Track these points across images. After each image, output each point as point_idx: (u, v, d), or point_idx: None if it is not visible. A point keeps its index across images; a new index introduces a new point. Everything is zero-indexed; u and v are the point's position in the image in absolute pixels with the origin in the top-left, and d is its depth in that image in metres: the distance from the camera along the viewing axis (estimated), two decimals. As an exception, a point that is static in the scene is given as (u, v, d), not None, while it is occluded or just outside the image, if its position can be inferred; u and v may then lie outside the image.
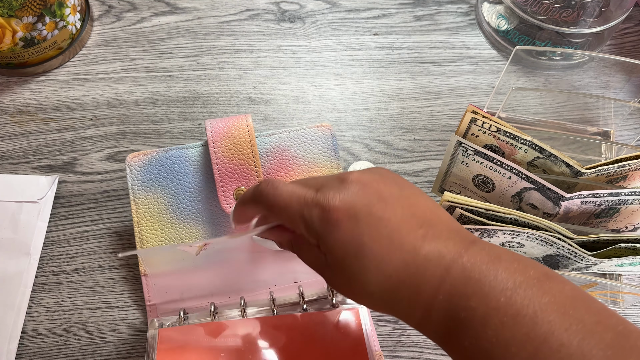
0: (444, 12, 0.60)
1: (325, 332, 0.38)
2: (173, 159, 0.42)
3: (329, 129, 0.43)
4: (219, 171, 0.41)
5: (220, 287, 0.41)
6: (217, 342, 0.37)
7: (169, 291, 0.41)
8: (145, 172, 0.42)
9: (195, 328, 0.38)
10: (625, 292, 0.41)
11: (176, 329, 0.39)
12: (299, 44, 0.57)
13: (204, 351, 0.37)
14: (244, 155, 0.41)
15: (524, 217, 0.36)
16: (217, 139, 0.41)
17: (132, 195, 0.42)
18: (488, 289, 0.26)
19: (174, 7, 0.59)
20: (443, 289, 0.27)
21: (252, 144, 0.41)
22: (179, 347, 0.37)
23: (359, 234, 0.28)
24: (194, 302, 0.41)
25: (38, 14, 0.49)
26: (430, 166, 0.51)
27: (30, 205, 0.46)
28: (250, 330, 0.38)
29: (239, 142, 0.41)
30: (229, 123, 0.42)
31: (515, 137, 0.39)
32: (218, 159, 0.41)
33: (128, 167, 0.42)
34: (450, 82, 0.55)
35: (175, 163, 0.42)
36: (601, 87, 0.55)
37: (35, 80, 0.54)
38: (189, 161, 0.42)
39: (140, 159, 0.42)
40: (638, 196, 0.37)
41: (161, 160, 0.42)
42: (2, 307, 0.42)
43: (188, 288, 0.41)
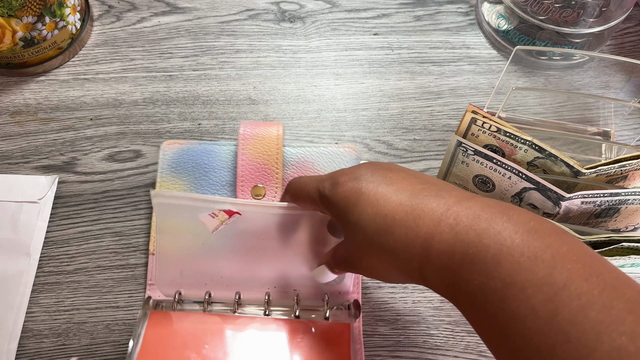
0: (444, 12, 0.60)
1: (312, 342, 0.37)
2: (204, 152, 0.45)
3: (354, 151, 0.45)
4: (242, 166, 0.43)
5: (221, 275, 0.41)
6: (204, 334, 0.38)
7: (170, 271, 0.41)
8: (176, 159, 0.44)
9: (186, 315, 0.39)
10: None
11: (167, 313, 0.39)
12: (299, 44, 0.57)
13: (190, 339, 0.37)
14: (269, 156, 0.43)
15: None
16: (248, 137, 0.43)
17: (159, 178, 0.44)
18: (501, 228, 0.25)
19: (174, 7, 0.59)
20: (445, 222, 0.26)
21: (278, 148, 0.43)
22: (166, 332, 0.38)
23: (358, 187, 0.31)
24: (192, 287, 0.41)
25: (38, 14, 0.49)
26: (430, 166, 0.51)
27: (30, 205, 0.46)
28: (237, 327, 0.38)
29: (267, 144, 0.43)
30: (261, 126, 0.44)
31: (515, 137, 0.39)
32: (244, 155, 0.43)
33: (162, 152, 0.45)
34: (450, 82, 0.55)
35: (205, 156, 0.44)
36: (601, 87, 0.55)
37: (35, 80, 0.54)
38: (218, 156, 0.44)
39: (174, 146, 0.45)
40: (638, 196, 0.37)
41: (192, 151, 0.45)
42: (2, 307, 0.42)
43: (190, 270, 0.41)
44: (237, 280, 0.41)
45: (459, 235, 0.26)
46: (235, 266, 0.40)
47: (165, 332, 0.38)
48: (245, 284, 0.41)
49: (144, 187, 0.49)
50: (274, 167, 0.43)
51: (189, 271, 0.41)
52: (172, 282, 0.41)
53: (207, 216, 0.38)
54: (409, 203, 0.28)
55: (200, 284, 0.41)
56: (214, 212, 0.37)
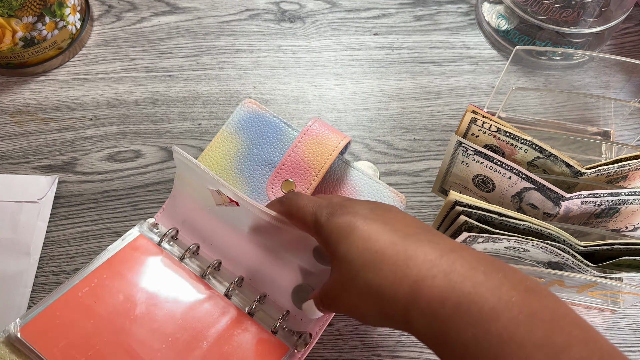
0: (444, 12, 0.60)
1: (243, 342, 0.38)
2: (272, 126, 0.45)
3: (402, 202, 0.43)
4: (290, 156, 0.43)
5: (212, 241, 0.42)
6: (164, 280, 0.40)
7: (178, 210, 0.43)
8: (248, 118, 0.45)
9: (162, 255, 0.41)
10: (625, 292, 0.41)
11: (150, 243, 0.41)
12: (299, 43, 0.57)
13: (150, 276, 0.39)
14: (317, 161, 0.43)
15: (537, 224, 0.36)
16: (309, 134, 0.43)
17: (224, 127, 0.45)
18: (499, 283, 0.24)
19: (174, 7, 0.59)
20: (439, 268, 0.26)
21: (329, 158, 0.42)
22: (137, 258, 0.40)
23: (354, 221, 0.30)
24: (187, 235, 0.43)
25: (38, 13, 0.49)
26: (430, 166, 0.51)
27: (30, 205, 0.46)
28: (191, 291, 0.39)
29: (323, 149, 0.43)
30: (327, 130, 0.44)
31: (516, 137, 0.39)
32: (297, 147, 0.43)
33: (241, 106, 0.45)
34: (450, 82, 0.55)
35: (271, 129, 0.45)
36: (601, 87, 0.55)
37: (35, 80, 0.54)
38: (281, 136, 0.44)
39: (252, 107, 0.45)
40: (638, 196, 0.37)
41: (264, 120, 0.45)
42: (2, 307, 0.42)
43: (191, 223, 0.43)
44: (224, 253, 0.42)
45: (453, 284, 0.25)
46: (228, 241, 0.42)
47: (137, 256, 0.40)
48: (228, 260, 0.42)
49: (144, 187, 0.49)
50: (315, 173, 0.42)
51: (190, 223, 0.43)
52: (175, 219, 0.44)
53: (214, 191, 0.40)
54: (401, 243, 0.28)
55: (194, 237, 0.43)
56: (219, 191, 0.39)
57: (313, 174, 0.42)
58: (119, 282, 0.39)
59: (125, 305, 0.38)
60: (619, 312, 0.45)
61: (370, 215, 0.30)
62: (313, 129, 0.43)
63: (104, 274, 0.39)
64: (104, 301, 0.38)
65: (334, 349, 0.43)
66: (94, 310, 0.37)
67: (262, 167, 0.44)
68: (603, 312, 0.45)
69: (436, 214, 0.45)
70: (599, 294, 0.42)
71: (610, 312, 0.45)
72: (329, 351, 0.43)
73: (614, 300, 0.44)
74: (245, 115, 0.45)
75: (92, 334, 0.36)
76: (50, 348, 0.36)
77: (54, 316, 0.37)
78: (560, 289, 0.41)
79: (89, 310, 0.37)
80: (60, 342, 0.36)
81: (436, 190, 0.46)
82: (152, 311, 0.38)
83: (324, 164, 0.42)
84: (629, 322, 0.44)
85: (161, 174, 0.49)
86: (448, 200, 0.37)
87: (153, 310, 0.38)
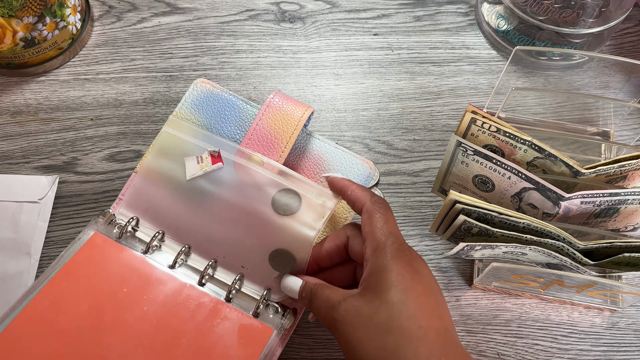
0: (444, 12, 0.60)
1: (225, 331, 0.36)
2: (228, 104, 0.44)
3: (370, 168, 0.44)
4: (254, 130, 0.42)
5: (178, 225, 0.40)
6: (129, 276, 0.37)
7: (141, 197, 0.41)
8: (202, 98, 0.44)
9: (123, 250, 0.38)
10: (625, 292, 0.41)
11: (109, 240, 0.39)
12: (299, 44, 0.57)
13: (113, 278, 0.37)
14: (283, 133, 0.41)
15: (536, 222, 0.36)
16: (272, 107, 0.42)
17: (178, 108, 0.44)
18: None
19: (174, 7, 0.59)
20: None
21: (295, 130, 0.41)
22: (98, 257, 0.37)
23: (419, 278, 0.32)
24: (150, 223, 0.41)
25: (38, 14, 0.49)
26: (430, 166, 0.51)
27: (31, 205, 0.46)
28: (162, 286, 0.37)
29: (287, 120, 0.42)
30: (290, 102, 0.42)
31: (515, 137, 0.39)
32: (260, 121, 0.42)
33: (193, 86, 0.44)
34: (450, 82, 0.55)
35: (228, 108, 0.44)
36: (601, 87, 0.55)
37: (35, 81, 0.54)
38: (239, 113, 0.43)
39: (205, 86, 0.44)
40: (638, 196, 0.37)
41: (219, 98, 0.44)
42: (3, 307, 0.42)
43: (153, 210, 0.40)
44: (192, 235, 0.40)
45: None
46: (194, 221, 0.40)
47: (96, 257, 0.37)
48: (198, 242, 0.40)
49: (144, 187, 0.49)
50: (282, 146, 0.41)
51: (152, 210, 0.41)
52: (136, 206, 0.41)
53: (193, 159, 0.38)
54: (441, 342, 0.30)
55: (158, 224, 0.40)
56: (200, 157, 0.38)
57: (280, 147, 0.41)
58: (80, 290, 0.36)
59: (91, 314, 0.35)
60: (618, 312, 0.45)
61: (431, 287, 0.32)
62: (275, 102, 0.42)
63: (62, 283, 0.36)
64: (67, 313, 0.35)
65: (334, 349, 0.43)
66: (57, 325, 0.34)
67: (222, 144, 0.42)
68: (603, 312, 0.45)
69: (436, 214, 0.45)
70: (599, 293, 0.42)
71: (609, 312, 0.45)
72: (328, 351, 0.43)
73: (614, 300, 0.44)
74: (199, 95, 0.44)
75: (60, 352, 0.33)
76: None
77: (13, 338, 0.34)
78: (560, 289, 0.41)
79: (53, 326, 0.34)
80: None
81: (436, 190, 0.46)
82: (122, 316, 0.35)
83: (291, 136, 0.41)
84: (628, 321, 0.44)
85: (161, 174, 0.50)
86: (448, 200, 0.37)
87: (123, 314, 0.35)
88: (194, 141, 0.40)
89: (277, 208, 0.38)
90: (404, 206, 0.49)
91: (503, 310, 0.45)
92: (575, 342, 0.44)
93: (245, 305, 0.38)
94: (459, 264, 0.46)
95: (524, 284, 0.41)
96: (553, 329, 0.44)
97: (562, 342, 0.44)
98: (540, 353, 0.43)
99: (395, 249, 0.33)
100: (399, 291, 0.31)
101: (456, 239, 0.40)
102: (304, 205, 0.38)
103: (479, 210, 0.37)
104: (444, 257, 0.47)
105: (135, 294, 0.36)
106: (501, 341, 0.43)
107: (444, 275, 0.46)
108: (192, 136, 0.40)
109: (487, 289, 0.45)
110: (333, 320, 0.32)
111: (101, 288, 0.36)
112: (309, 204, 0.38)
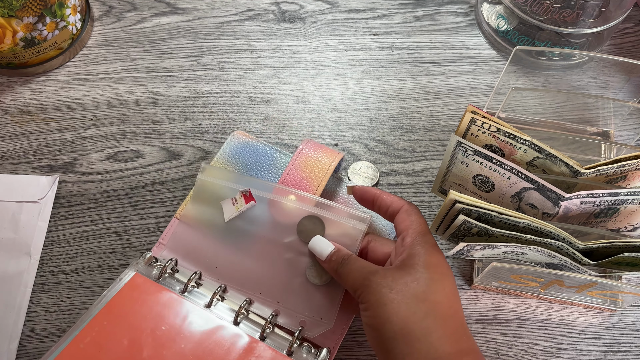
0: (444, 12, 0.60)
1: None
2: (263, 153, 0.46)
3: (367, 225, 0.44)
4: (286, 175, 0.44)
5: (217, 265, 0.42)
6: (168, 315, 0.39)
7: (182, 241, 0.43)
8: (239, 149, 0.47)
9: (163, 291, 0.40)
10: (625, 292, 0.41)
11: (148, 280, 0.40)
12: (299, 44, 0.57)
13: (152, 316, 0.38)
14: (314, 178, 0.43)
15: (536, 222, 0.36)
16: (303, 154, 0.44)
17: (216, 158, 0.46)
18: None
19: (174, 7, 0.59)
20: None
21: (325, 174, 0.44)
22: (138, 296, 0.39)
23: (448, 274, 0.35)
24: (189, 265, 0.42)
25: (38, 14, 0.49)
26: (430, 166, 0.51)
27: (31, 205, 0.46)
28: (198, 324, 0.38)
29: (317, 167, 0.44)
30: (321, 150, 0.45)
31: (515, 137, 0.39)
32: (293, 166, 0.44)
33: (230, 138, 0.47)
34: (450, 82, 0.55)
35: (262, 157, 0.46)
36: (601, 87, 0.55)
37: (35, 81, 0.54)
38: (273, 162, 0.46)
39: (241, 138, 0.47)
40: (637, 196, 0.37)
41: (254, 148, 0.47)
42: (3, 307, 0.43)
43: (194, 253, 0.43)
44: (230, 273, 0.41)
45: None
46: (231, 259, 0.42)
47: (136, 296, 0.39)
48: (236, 279, 0.41)
49: (144, 187, 0.49)
50: (313, 189, 0.43)
51: (192, 253, 0.43)
52: (177, 250, 0.43)
53: (228, 201, 0.40)
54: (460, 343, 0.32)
55: (197, 264, 0.42)
56: (235, 198, 0.40)
57: (312, 191, 0.43)
58: (121, 327, 0.38)
59: (131, 350, 0.37)
60: (618, 312, 0.45)
61: (455, 287, 0.35)
62: (305, 151, 0.44)
63: (104, 321, 0.38)
64: (108, 350, 0.37)
65: (334, 349, 0.43)
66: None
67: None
68: (602, 312, 0.45)
69: (436, 214, 0.45)
70: (599, 293, 0.42)
71: (609, 312, 0.45)
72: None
73: (614, 300, 0.44)
74: (235, 147, 0.47)
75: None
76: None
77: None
78: (560, 289, 0.41)
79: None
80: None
81: (436, 190, 0.46)
82: (159, 353, 0.37)
83: (321, 181, 0.43)
84: (628, 321, 0.44)
85: (161, 174, 0.50)
86: (448, 200, 0.37)
87: (161, 351, 0.37)
88: (227, 184, 0.43)
89: (303, 237, 0.41)
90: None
91: (503, 310, 0.45)
92: (575, 342, 0.44)
93: (279, 344, 0.39)
94: (459, 264, 0.46)
95: (524, 284, 0.41)
96: (553, 329, 0.44)
97: (562, 342, 0.44)
98: (540, 353, 0.43)
99: (433, 244, 0.36)
100: (437, 273, 0.34)
101: (456, 239, 0.40)
102: (331, 229, 0.40)
103: (479, 210, 0.37)
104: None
105: (172, 332, 0.38)
106: (501, 341, 0.43)
107: (444, 275, 0.46)
108: (225, 180, 0.43)
109: (487, 289, 0.45)
110: (369, 281, 0.34)
111: (140, 326, 0.38)
112: (340, 228, 0.40)
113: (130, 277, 0.40)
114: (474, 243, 0.37)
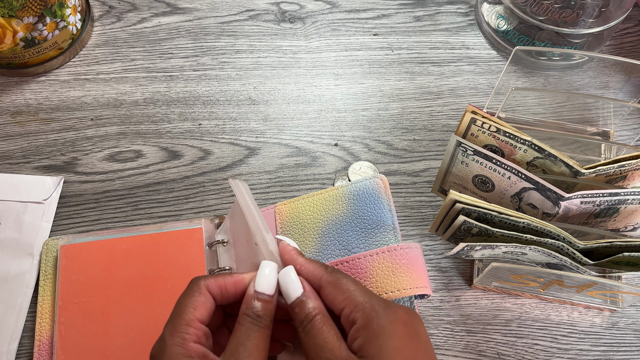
0: (444, 12, 0.60)
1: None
2: (380, 215, 0.40)
3: None
4: (363, 258, 0.37)
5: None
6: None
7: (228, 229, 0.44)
8: (368, 193, 0.41)
9: (202, 262, 0.43)
10: (625, 292, 0.41)
11: (201, 244, 0.44)
12: (299, 44, 0.57)
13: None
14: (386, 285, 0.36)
15: (536, 222, 0.36)
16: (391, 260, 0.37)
17: (344, 186, 0.41)
18: None
19: (174, 7, 0.59)
20: None
21: (395, 293, 0.35)
22: (180, 248, 0.43)
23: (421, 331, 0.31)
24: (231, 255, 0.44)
25: (39, 14, 0.49)
26: (430, 166, 0.51)
27: (35, 206, 0.46)
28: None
29: (395, 279, 0.36)
30: (415, 267, 0.37)
31: (515, 137, 0.39)
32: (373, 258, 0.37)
33: (374, 178, 0.41)
34: (450, 82, 0.55)
35: (377, 216, 0.40)
36: (600, 87, 0.55)
37: (35, 81, 0.54)
38: (380, 227, 0.39)
39: (380, 187, 0.41)
40: (637, 196, 0.37)
41: (379, 206, 0.40)
42: (4, 307, 0.43)
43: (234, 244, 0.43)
44: None
45: None
46: None
47: (180, 244, 0.44)
48: None
49: (144, 187, 0.49)
50: None
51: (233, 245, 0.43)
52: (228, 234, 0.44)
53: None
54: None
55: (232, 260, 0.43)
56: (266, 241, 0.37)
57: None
58: (151, 257, 0.42)
59: (139, 281, 0.41)
60: (618, 312, 0.45)
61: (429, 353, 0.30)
62: (401, 260, 0.36)
63: (146, 243, 0.43)
64: (127, 264, 0.42)
65: (334, 349, 0.43)
66: (115, 267, 0.42)
67: (340, 250, 0.39)
68: (602, 312, 0.45)
69: (436, 214, 0.45)
70: (599, 293, 0.42)
71: (609, 312, 0.45)
72: (329, 351, 0.43)
73: (613, 300, 0.44)
74: (368, 188, 0.40)
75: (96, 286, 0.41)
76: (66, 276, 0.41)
77: (87, 251, 0.42)
78: (560, 289, 0.41)
79: (112, 265, 0.42)
80: (73, 277, 0.41)
81: (436, 190, 0.46)
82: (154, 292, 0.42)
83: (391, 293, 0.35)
84: (628, 321, 0.45)
85: (162, 174, 0.50)
86: (448, 200, 0.37)
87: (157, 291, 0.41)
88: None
89: None
90: (404, 206, 0.49)
91: (503, 310, 0.45)
92: (575, 342, 0.44)
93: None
94: (459, 264, 0.46)
95: (524, 284, 0.41)
96: (553, 329, 0.44)
97: (562, 342, 0.44)
98: (540, 353, 0.43)
99: (383, 308, 0.30)
100: (410, 349, 0.29)
101: (456, 239, 0.41)
102: None
103: (479, 210, 0.37)
104: (444, 257, 0.47)
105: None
106: (501, 341, 0.44)
107: (444, 275, 0.46)
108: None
109: (487, 289, 0.45)
110: None
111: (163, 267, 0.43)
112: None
113: (196, 227, 0.44)
114: (474, 243, 0.37)
